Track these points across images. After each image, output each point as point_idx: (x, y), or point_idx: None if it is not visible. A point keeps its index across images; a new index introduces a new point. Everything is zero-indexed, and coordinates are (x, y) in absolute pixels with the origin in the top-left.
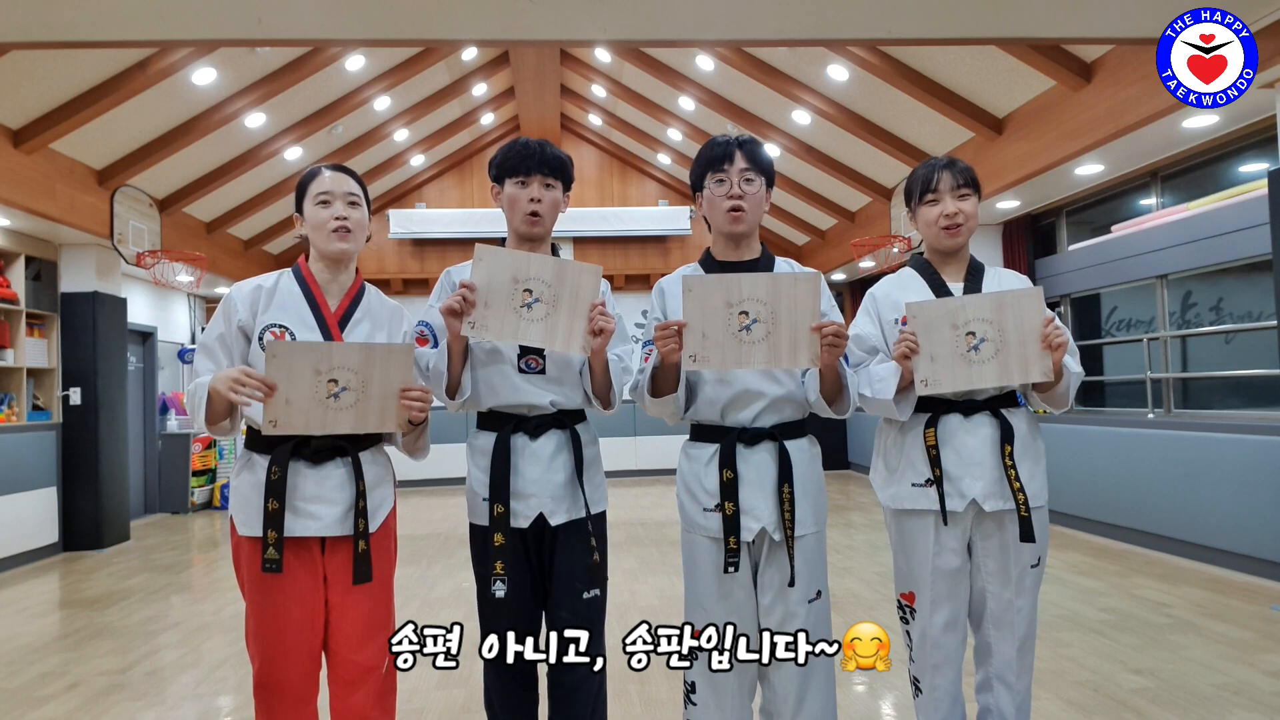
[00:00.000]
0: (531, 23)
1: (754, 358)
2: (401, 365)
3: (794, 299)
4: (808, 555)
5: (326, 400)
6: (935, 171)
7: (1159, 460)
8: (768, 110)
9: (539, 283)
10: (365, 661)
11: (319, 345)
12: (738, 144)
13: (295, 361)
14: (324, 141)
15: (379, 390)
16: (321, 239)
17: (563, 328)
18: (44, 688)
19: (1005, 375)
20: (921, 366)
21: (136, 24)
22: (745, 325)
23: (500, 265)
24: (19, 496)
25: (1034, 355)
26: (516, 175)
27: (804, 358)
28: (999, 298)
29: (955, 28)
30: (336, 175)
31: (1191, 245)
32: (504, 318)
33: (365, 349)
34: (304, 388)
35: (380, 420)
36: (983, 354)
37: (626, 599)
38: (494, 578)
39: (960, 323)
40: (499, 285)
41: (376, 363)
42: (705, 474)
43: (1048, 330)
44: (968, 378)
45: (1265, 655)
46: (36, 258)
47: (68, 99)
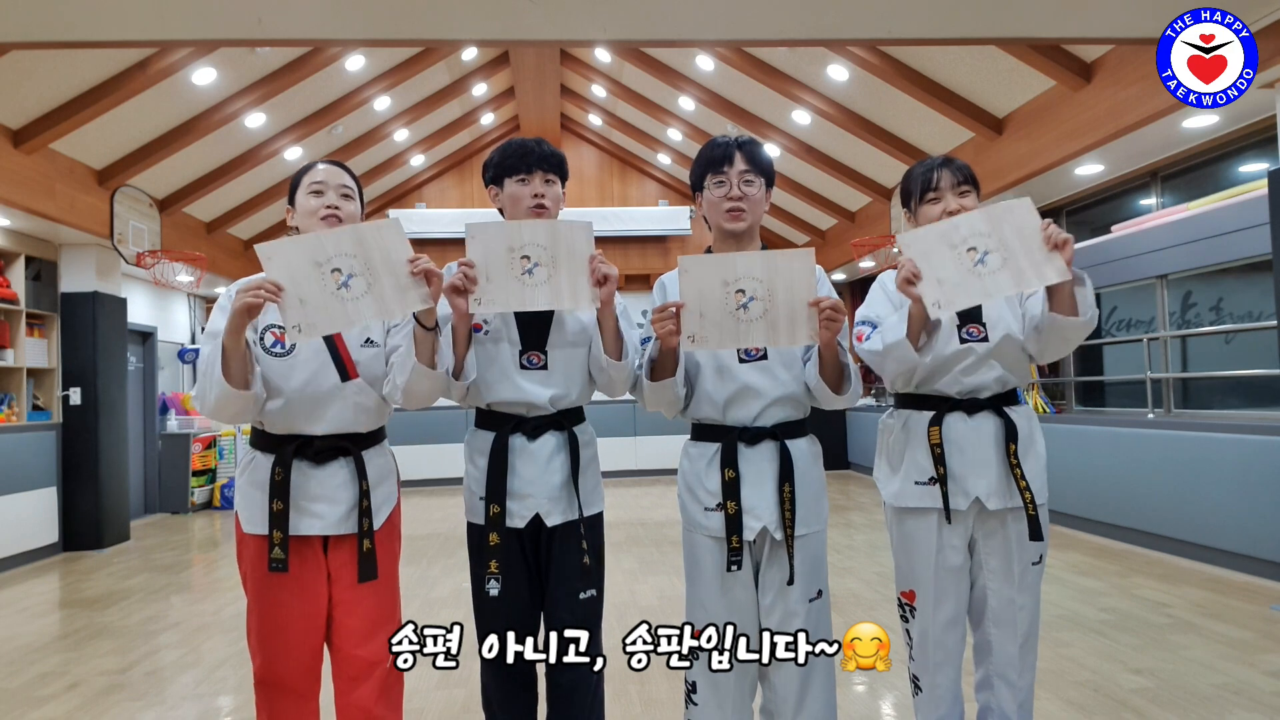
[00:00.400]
0: (531, 23)
1: (752, 335)
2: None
3: (790, 276)
4: (808, 555)
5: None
6: (934, 170)
7: (1159, 460)
8: (768, 110)
9: (534, 247)
10: (369, 656)
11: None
12: (737, 145)
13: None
14: (324, 141)
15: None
16: (311, 226)
17: (566, 286)
18: (44, 688)
19: (1021, 281)
20: (929, 290)
21: (136, 24)
22: (742, 304)
23: (493, 237)
24: (19, 496)
25: (1043, 258)
26: (517, 173)
27: (802, 334)
28: (988, 211)
29: (955, 28)
30: (331, 168)
31: (1191, 245)
32: (507, 288)
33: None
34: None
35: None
36: (990, 265)
37: (626, 599)
38: (488, 576)
39: (957, 241)
40: (496, 257)
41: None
42: (706, 473)
43: (1048, 230)
44: (982, 290)
45: (1265, 655)
46: (36, 258)
47: (68, 99)
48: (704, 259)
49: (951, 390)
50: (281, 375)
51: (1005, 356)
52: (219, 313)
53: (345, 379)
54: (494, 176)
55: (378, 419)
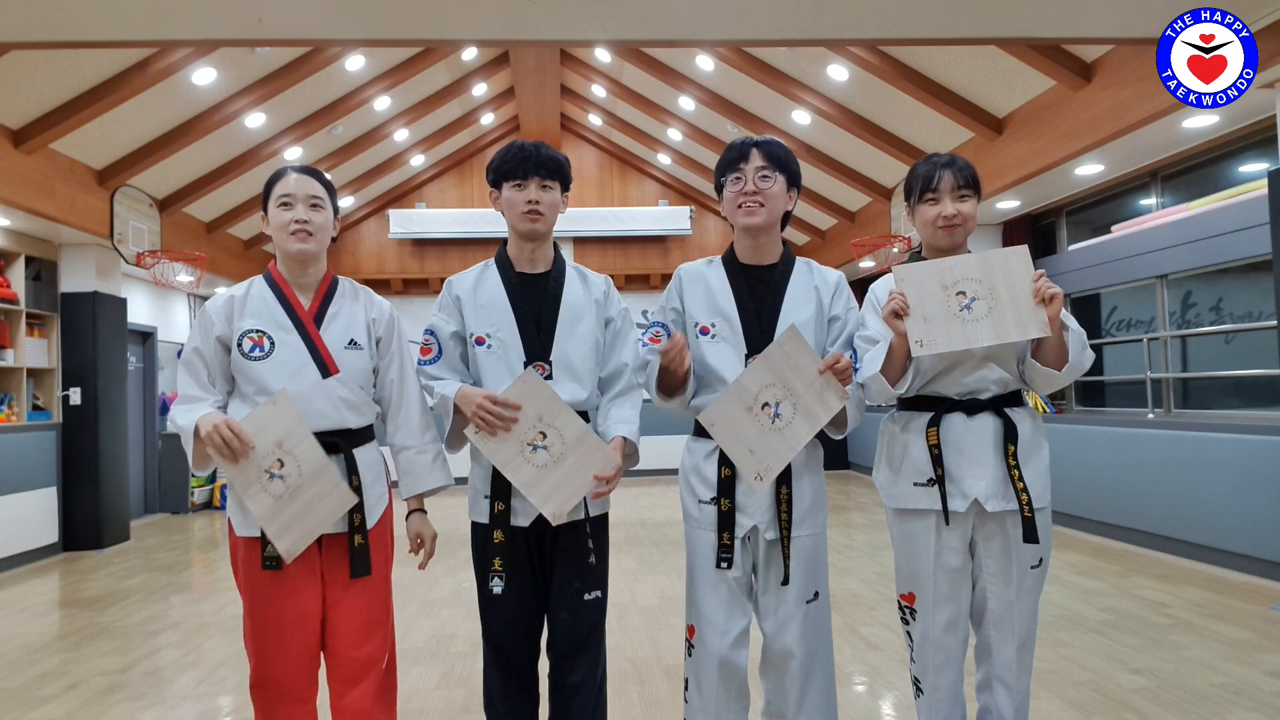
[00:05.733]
0: (531, 23)
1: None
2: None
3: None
4: (806, 556)
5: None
6: (937, 170)
7: (1159, 460)
8: (768, 110)
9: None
10: (364, 658)
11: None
12: (754, 143)
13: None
14: (324, 141)
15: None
16: (282, 240)
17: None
18: (44, 688)
19: (1001, 332)
20: (914, 328)
21: (136, 24)
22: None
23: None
24: (19, 496)
25: (1029, 311)
26: (513, 178)
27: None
28: (984, 256)
29: (955, 28)
30: (300, 178)
31: (1191, 245)
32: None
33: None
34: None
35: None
36: (975, 312)
37: (627, 599)
38: (492, 574)
39: (949, 282)
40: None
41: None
42: (705, 466)
43: (1038, 284)
44: (963, 336)
45: (1265, 655)
46: (36, 258)
47: (68, 99)
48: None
49: (951, 391)
50: (263, 377)
51: (1005, 359)
52: (199, 331)
53: (325, 375)
54: (493, 179)
55: (365, 415)
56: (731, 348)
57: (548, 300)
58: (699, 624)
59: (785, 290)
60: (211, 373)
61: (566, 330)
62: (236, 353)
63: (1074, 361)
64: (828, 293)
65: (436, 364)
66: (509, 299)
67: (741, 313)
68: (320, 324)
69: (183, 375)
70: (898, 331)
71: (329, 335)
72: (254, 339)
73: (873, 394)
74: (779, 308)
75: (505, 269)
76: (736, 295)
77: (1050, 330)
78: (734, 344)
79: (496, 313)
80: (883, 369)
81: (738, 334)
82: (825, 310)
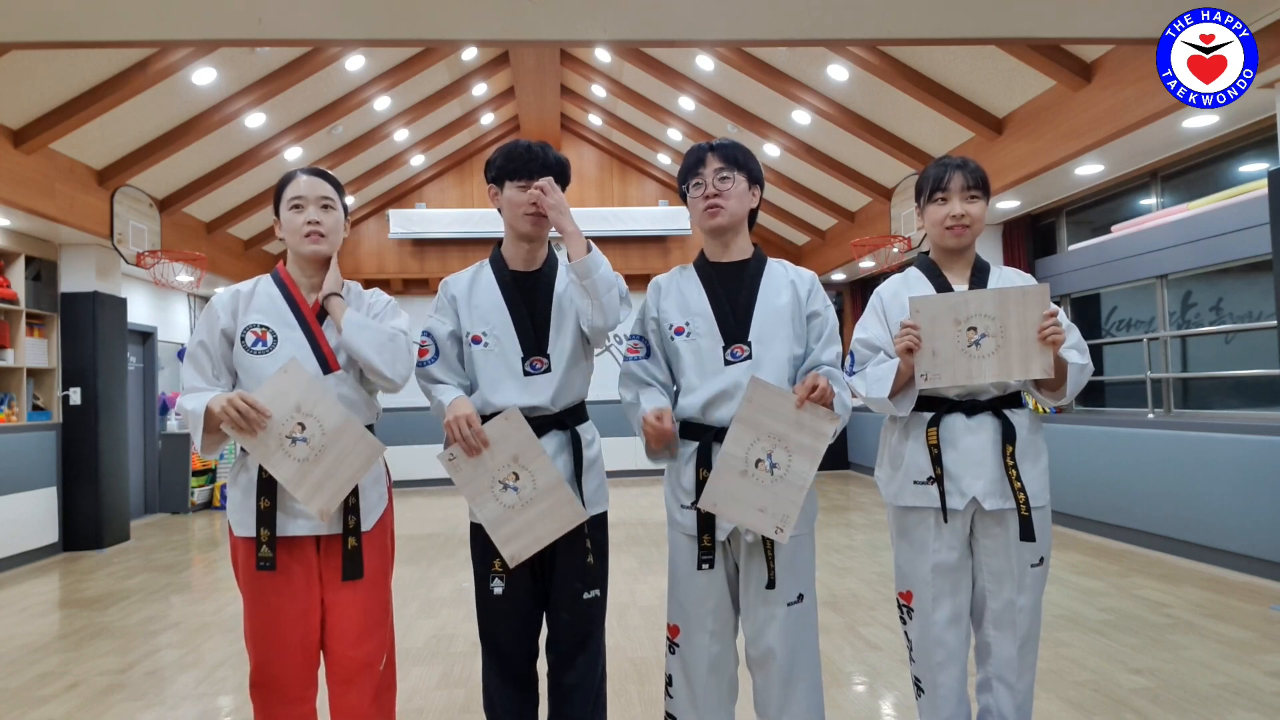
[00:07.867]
0: (531, 23)
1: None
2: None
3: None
4: (790, 558)
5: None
6: (948, 171)
7: (1159, 460)
8: (768, 110)
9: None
10: (362, 658)
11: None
12: (709, 148)
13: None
14: (324, 141)
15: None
16: (296, 242)
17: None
18: (44, 688)
19: (1005, 371)
20: (923, 361)
21: (136, 24)
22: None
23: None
24: (19, 496)
25: (1035, 352)
26: (518, 178)
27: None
28: (1003, 294)
29: (955, 28)
30: (310, 180)
31: (1191, 245)
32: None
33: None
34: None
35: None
36: (983, 349)
37: (626, 599)
38: (492, 575)
39: (963, 317)
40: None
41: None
42: (685, 471)
43: (1045, 326)
44: (967, 373)
45: (1265, 655)
46: (36, 258)
47: (68, 99)
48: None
49: (952, 393)
50: (264, 372)
51: None
52: (204, 324)
53: (327, 371)
54: (495, 178)
55: (365, 413)
56: (708, 341)
57: (541, 296)
58: (684, 623)
59: (760, 281)
60: (215, 365)
61: (560, 322)
62: (239, 347)
63: (1070, 392)
64: (804, 287)
65: (435, 365)
66: (504, 297)
67: (715, 306)
68: (324, 320)
69: (187, 368)
70: (908, 365)
71: (331, 332)
72: (257, 333)
73: (872, 405)
74: (754, 298)
75: (499, 268)
76: (709, 291)
77: (1051, 373)
78: (710, 337)
79: (492, 311)
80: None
81: (713, 326)
82: (802, 303)
